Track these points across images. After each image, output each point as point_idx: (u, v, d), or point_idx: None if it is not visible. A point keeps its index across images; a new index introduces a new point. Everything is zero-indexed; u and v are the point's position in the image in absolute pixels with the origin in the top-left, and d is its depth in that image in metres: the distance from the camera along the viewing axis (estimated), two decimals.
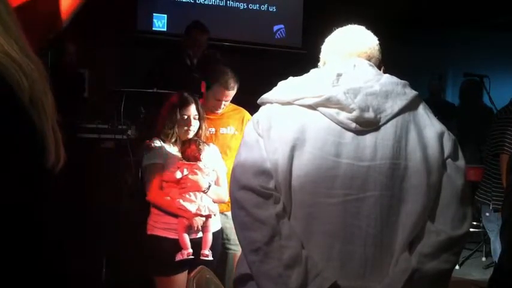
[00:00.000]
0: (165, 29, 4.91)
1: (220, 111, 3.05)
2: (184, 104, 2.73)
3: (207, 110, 3.01)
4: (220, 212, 3.01)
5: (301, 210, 1.27)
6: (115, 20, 4.18)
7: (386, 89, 1.32)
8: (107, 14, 3.96)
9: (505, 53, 5.29)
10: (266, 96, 1.40)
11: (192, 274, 2.19)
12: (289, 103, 1.33)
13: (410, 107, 1.34)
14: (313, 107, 1.29)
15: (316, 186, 1.26)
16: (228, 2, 5.14)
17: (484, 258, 5.12)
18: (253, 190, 1.29)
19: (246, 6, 5.20)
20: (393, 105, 1.31)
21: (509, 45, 5.22)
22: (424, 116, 1.36)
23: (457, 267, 4.89)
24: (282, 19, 5.30)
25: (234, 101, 3.22)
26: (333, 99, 1.27)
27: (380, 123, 1.29)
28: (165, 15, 4.90)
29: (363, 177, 1.26)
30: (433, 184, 1.29)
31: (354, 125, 1.27)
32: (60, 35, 1.17)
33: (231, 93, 2.99)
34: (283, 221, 1.27)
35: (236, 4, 5.18)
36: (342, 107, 1.27)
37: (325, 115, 1.28)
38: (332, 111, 1.27)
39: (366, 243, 1.26)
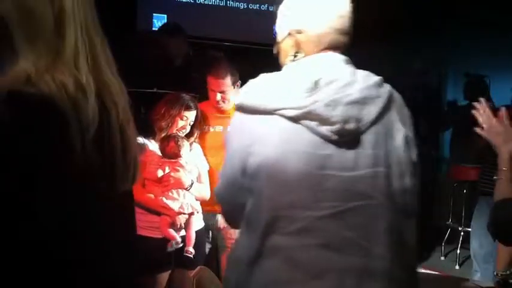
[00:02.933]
0: None
1: (225, 105, 3.02)
2: (186, 109, 2.72)
3: (214, 109, 3.00)
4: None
5: (292, 225, 1.25)
6: (115, 20, 4.17)
7: (364, 95, 1.31)
8: (106, 14, 3.95)
9: (505, 53, 5.29)
10: (243, 101, 1.33)
11: (192, 274, 2.19)
12: (269, 113, 1.28)
13: (385, 109, 1.34)
14: (294, 118, 1.26)
15: (303, 200, 1.25)
16: (228, 2, 5.14)
17: None
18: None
19: (246, 6, 5.20)
20: (370, 112, 1.31)
21: (509, 45, 5.21)
22: (396, 117, 1.36)
23: (457, 267, 4.88)
24: None
25: None
26: (313, 113, 1.25)
27: (360, 133, 1.29)
28: (165, 15, 4.89)
29: (348, 188, 1.26)
30: (408, 187, 1.34)
31: (335, 137, 1.26)
32: None
33: (224, 82, 2.97)
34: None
35: (236, 4, 5.17)
36: (323, 120, 1.25)
37: (307, 127, 1.26)
38: (313, 124, 1.26)
39: (359, 253, 1.26)
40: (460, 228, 5.08)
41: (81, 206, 0.84)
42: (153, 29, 4.85)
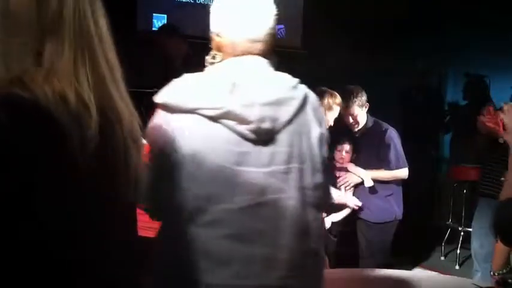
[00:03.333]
0: None
1: None
2: None
3: None
4: None
5: (207, 216, 1.34)
6: (115, 20, 4.17)
7: (279, 97, 1.40)
8: (106, 13, 3.95)
9: (505, 53, 5.28)
10: (166, 100, 1.39)
11: None
12: (190, 112, 1.36)
13: (300, 110, 1.44)
14: (213, 118, 1.35)
15: (220, 193, 1.35)
16: None
17: None
18: None
19: None
20: (285, 113, 1.40)
21: (509, 45, 5.21)
22: (312, 117, 1.47)
23: (457, 267, 4.88)
24: (282, 19, 5.23)
25: None
26: (231, 113, 1.33)
27: (275, 131, 1.39)
28: (165, 16, 4.89)
29: (262, 183, 1.37)
30: (319, 182, 1.46)
31: (252, 135, 1.36)
32: None
33: None
34: None
35: None
36: (241, 120, 1.34)
37: (225, 126, 1.35)
38: (231, 123, 1.35)
39: (265, 243, 1.37)
40: (460, 228, 5.08)
41: (81, 214, 0.84)
42: (153, 29, 4.85)
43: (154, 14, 4.87)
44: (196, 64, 1.68)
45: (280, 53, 5.55)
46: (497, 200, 1.79)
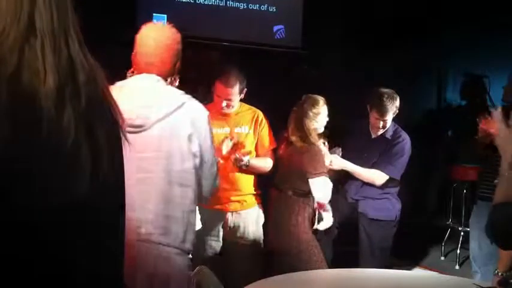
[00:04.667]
0: None
1: (229, 110, 3.06)
2: None
3: (217, 112, 3.02)
4: (233, 211, 3.06)
5: None
6: (115, 20, 4.17)
7: (155, 103, 1.99)
8: (106, 13, 3.96)
9: (505, 53, 5.28)
10: None
11: (192, 274, 2.18)
12: None
13: (173, 113, 1.99)
14: None
15: None
16: (228, 2, 5.14)
17: None
18: None
19: (246, 6, 5.20)
20: (158, 114, 1.97)
21: (509, 45, 5.21)
22: (185, 120, 2.02)
23: (457, 267, 4.88)
24: (282, 19, 5.29)
25: None
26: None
27: (146, 127, 1.95)
28: (165, 15, 4.89)
29: (137, 165, 1.91)
30: (186, 167, 2.02)
31: (129, 128, 1.69)
32: None
33: (232, 91, 3.00)
34: None
35: (236, 4, 5.17)
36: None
37: None
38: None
39: (139, 208, 1.93)
40: (460, 228, 5.08)
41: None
42: None
43: (154, 14, 4.86)
44: (197, 64, 1.70)
45: (280, 53, 5.62)
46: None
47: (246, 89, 3.10)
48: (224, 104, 3.01)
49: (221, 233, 3.14)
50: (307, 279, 2.51)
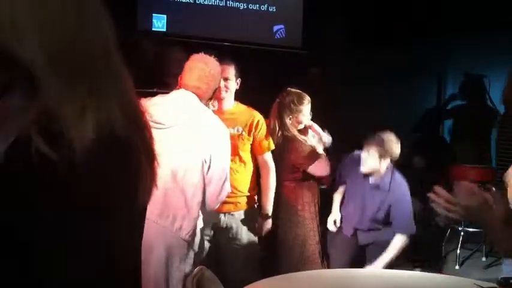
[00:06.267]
0: (164, 29, 4.90)
1: (226, 94, 3.07)
2: None
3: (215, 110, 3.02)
4: (227, 212, 3.05)
5: None
6: (114, 20, 4.17)
7: (179, 111, 2.41)
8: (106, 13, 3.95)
9: (505, 53, 5.28)
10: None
11: (192, 274, 2.18)
12: None
13: (188, 117, 2.42)
14: None
15: None
16: (228, 2, 5.14)
17: (484, 258, 5.11)
18: None
19: (246, 6, 5.20)
20: (181, 119, 2.39)
21: (509, 45, 5.21)
22: (198, 121, 2.41)
23: (457, 267, 4.88)
24: (282, 19, 5.29)
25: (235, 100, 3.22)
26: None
27: (166, 126, 2.32)
28: (165, 15, 4.89)
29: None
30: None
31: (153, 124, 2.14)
32: None
33: (229, 68, 3.07)
34: None
35: (236, 4, 5.17)
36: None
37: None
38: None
39: None
40: (460, 228, 5.07)
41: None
42: (153, 29, 4.86)
43: (154, 14, 4.87)
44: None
45: (280, 53, 5.62)
46: None
47: (240, 79, 3.13)
48: (222, 84, 2.97)
49: (212, 233, 3.11)
50: (307, 279, 2.51)
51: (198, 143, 2.37)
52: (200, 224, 2.85)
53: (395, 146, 3.28)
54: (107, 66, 0.84)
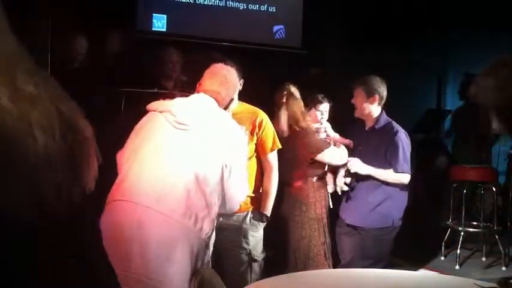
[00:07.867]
0: (164, 29, 4.90)
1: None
2: None
3: None
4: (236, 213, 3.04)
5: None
6: (114, 20, 4.18)
7: (202, 114, 2.44)
8: (106, 14, 3.96)
9: (505, 53, 5.28)
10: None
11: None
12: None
13: (209, 120, 2.45)
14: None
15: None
16: (228, 2, 5.14)
17: (484, 258, 5.11)
18: None
19: (245, 7, 5.20)
20: (203, 121, 2.42)
21: (509, 45, 5.21)
22: (219, 124, 2.47)
23: (457, 267, 4.88)
24: (282, 19, 5.29)
25: None
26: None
27: (188, 127, 2.38)
28: (165, 16, 4.89)
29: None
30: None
31: (176, 124, 2.40)
32: (60, 35, 1.16)
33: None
34: None
35: (236, 4, 5.17)
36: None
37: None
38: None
39: None
40: (460, 228, 5.07)
41: None
42: (153, 29, 4.86)
43: (154, 14, 4.86)
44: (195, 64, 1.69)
45: (280, 53, 5.61)
46: None
47: (243, 80, 3.10)
48: None
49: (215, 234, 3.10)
50: (307, 279, 2.51)
51: (219, 145, 2.40)
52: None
53: (379, 84, 3.47)
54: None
